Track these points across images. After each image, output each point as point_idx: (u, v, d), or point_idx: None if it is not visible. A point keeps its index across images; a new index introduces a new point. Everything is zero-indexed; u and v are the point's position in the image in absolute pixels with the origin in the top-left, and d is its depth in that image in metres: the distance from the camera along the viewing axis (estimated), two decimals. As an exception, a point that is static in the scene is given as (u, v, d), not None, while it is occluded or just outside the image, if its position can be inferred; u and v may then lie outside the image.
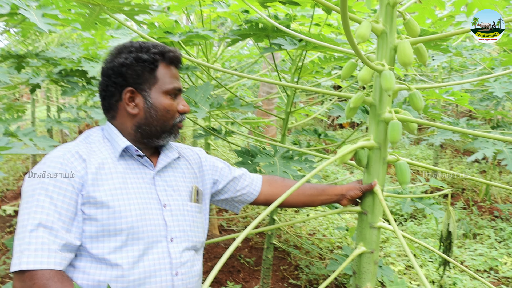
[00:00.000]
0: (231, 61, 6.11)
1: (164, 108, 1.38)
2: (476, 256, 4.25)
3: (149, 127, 1.38)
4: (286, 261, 4.23)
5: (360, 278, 1.71)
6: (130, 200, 1.30)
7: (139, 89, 1.36)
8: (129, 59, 1.35)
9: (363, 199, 1.71)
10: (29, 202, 1.21)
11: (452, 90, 2.82)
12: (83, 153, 1.30)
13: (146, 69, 1.36)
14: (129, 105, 1.37)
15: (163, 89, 1.38)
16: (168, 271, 1.33)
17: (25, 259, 1.13)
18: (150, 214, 1.33)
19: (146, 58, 1.35)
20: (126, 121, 1.39)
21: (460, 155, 8.75)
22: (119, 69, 1.35)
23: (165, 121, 1.39)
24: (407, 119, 1.56)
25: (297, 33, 2.02)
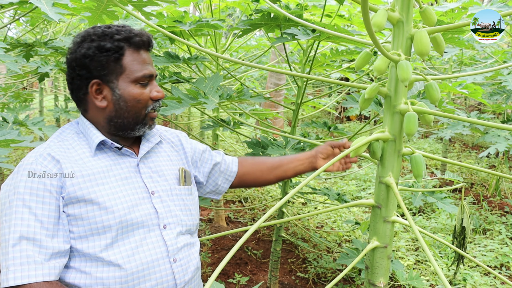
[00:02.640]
0: (239, 52, 6.06)
1: (133, 98, 1.29)
2: (486, 252, 4.20)
3: (120, 119, 1.30)
4: (294, 254, 4.21)
5: (373, 273, 1.68)
6: (115, 194, 1.25)
7: (105, 81, 1.27)
8: (91, 49, 1.25)
9: (377, 192, 1.67)
10: (7, 214, 1.16)
11: (466, 83, 2.77)
12: (56, 153, 1.23)
13: (110, 58, 1.26)
14: (97, 98, 1.28)
15: (132, 78, 1.28)
16: (166, 259, 1.30)
17: (12, 275, 1.09)
18: (139, 204, 1.28)
19: (109, 47, 1.25)
20: (97, 115, 1.31)
21: (469, 150, 8.67)
22: (82, 60, 1.25)
23: (136, 111, 1.31)
24: (423, 111, 1.52)
25: (310, 23, 1.97)
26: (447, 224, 4.84)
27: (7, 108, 4.36)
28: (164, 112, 1.99)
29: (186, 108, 7.40)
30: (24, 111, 4.09)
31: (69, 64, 1.30)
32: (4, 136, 1.69)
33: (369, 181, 6.65)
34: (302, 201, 5.64)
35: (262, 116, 4.25)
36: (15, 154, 7.44)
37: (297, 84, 2.98)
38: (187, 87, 2.34)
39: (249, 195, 5.78)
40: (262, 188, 6.15)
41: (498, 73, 4.64)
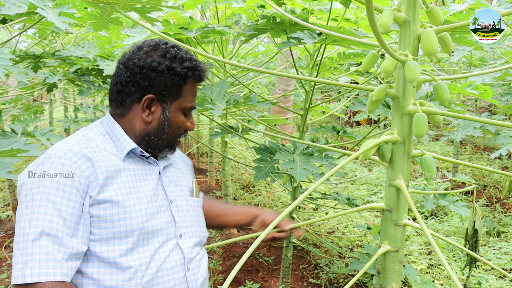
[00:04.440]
0: (246, 59, 6.07)
1: (177, 124, 1.35)
2: (501, 254, 4.14)
3: (157, 138, 1.34)
4: (306, 260, 4.18)
5: (385, 278, 1.65)
6: (140, 199, 1.26)
7: (161, 100, 1.30)
8: (162, 66, 1.27)
9: (387, 195, 1.65)
10: (29, 207, 1.13)
11: (476, 84, 2.74)
12: (87, 151, 1.22)
13: (175, 82, 1.30)
14: (145, 111, 1.30)
15: (183, 106, 1.34)
16: (181, 267, 1.31)
17: (29, 271, 1.06)
18: (160, 211, 1.30)
19: (179, 72, 1.29)
20: (135, 125, 1.33)
21: (480, 152, 8.58)
22: (148, 72, 1.27)
23: (173, 137, 1.37)
24: (433, 111, 1.50)
25: (316, 27, 1.96)
26: (460, 227, 4.78)
27: (17, 120, 4.40)
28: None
29: (195, 116, 7.40)
30: (34, 122, 4.12)
31: (130, 68, 1.29)
32: (11, 145, 1.69)
33: (380, 185, 6.60)
34: (313, 207, 5.60)
35: (270, 123, 4.23)
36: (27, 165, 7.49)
37: (304, 89, 2.97)
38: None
39: (260, 202, 5.76)
40: (273, 195, 6.13)
41: (507, 74, 4.60)
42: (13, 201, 5.08)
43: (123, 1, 1.95)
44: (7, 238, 4.54)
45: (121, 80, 1.31)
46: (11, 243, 4.43)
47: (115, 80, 1.33)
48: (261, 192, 6.19)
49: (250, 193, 6.21)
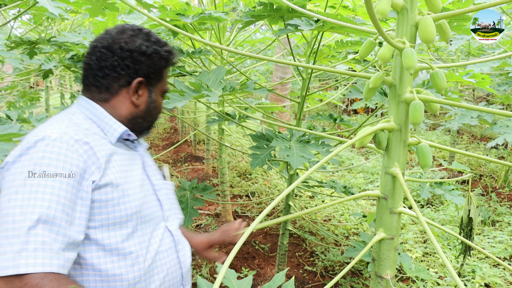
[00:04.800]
0: (243, 47, 6.04)
1: (160, 106, 1.40)
2: (495, 243, 4.17)
3: (143, 121, 1.36)
4: (302, 247, 4.20)
5: (380, 265, 1.66)
6: (133, 182, 1.26)
7: (149, 83, 1.33)
8: (150, 49, 1.29)
9: (383, 183, 1.65)
10: (20, 192, 1.04)
11: (473, 73, 2.73)
12: (83, 135, 1.18)
13: (161, 65, 1.34)
14: (135, 95, 1.31)
15: (162, 89, 1.39)
16: (173, 249, 1.35)
17: (23, 261, 0.97)
18: (148, 195, 1.32)
19: (163, 55, 1.33)
20: (122, 108, 1.31)
21: (477, 141, 8.60)
22: (138, 56, 1.28)
23: (154, 119, 1.41)
24: (429, 99, 1.49)
25: (314, 13, 1.94)
26: (455, 216, 4.81)
27: (13, 107, 4.38)
28: (167, 105, 1.98)
29: (193, 104, 7.38)
30: (30, 109, 4.09)
31: (116, 52, 1.27)
32: (6, 130, 1.68)
33: (377, 173, 6.62)
34: (309, 195, 5.62)
35: (267, 110, 4.22)
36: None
37: (302, 77, 2.95)
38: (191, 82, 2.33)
39: (257, 190, 5.77)
40: (269, 182, 6.14)
41: (505, 64, 4.59)
42: None
43: (118, -14, 1.93)
44: None
45: (107, 64, 1.27)
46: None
47: (99, 65, 1.28)
48: (258, 180, 6.20)
49: (246, 181, 6.22)
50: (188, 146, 8.12)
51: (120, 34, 1.29)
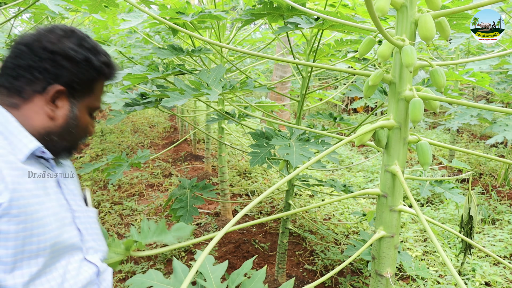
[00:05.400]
0: (243, 45, 6.04)
1: (84, 125, 1.17)
2: (495, 242, 4.17)
3: (60, 140, 1.12)
4: (301, 246, 4.20)
5: (380, 263, 1.66)
6: (48, 210, 1.03)
7: (70, 94, 1.11)
8: (79, 55, 1.09)
9: (382, 181, 1.65)
10: None
11: (473, 71, 2.73)
12: None
13: (90, 76, 1.13)
14: (50, 105, 1.09)
15: (91, 105, 1.18)
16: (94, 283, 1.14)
17: None
18: (67, 224, 1.09)
19: (95, 65, 1.13)
20: (34, 120, 1.08)
21: (477, 140, 8.60)
22: (61, 60, 1.07)
23: (77, 139, 1.18)
24: (429, 97, 1.49)
25: (314, 11, 1.94)
26: (455, 215, 4.81)
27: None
28: (166, 103, 1.98)
29: (192, 102, 7.36)
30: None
31: (36, 51, 1.07)
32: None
33: (376, 172, 6.62)
34: (309, 194, 5.62)
35: (267, 109, 4.22)
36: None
37: (302, 75, 2.95)
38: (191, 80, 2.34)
39: (256, 188, 5.77)
40: (269, 181, 6.14)
41: (505, 62, 4.59)
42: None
43: (119, -16, 1.93)
44: None
45: (23, 64, 1.07)
46: None
47: (14, 63, 1.08)
48: (258, 179, 6.20)
49: (246, 180, 6.22)
50: (188, 145, 8.12)
51: (47, 33, 1.10)
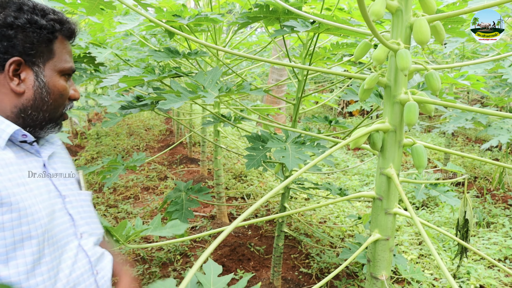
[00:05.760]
0: (239, 48, 6.05)
1: (58, 90, 1.11)
2: (490, 245, 4.18)
3: (37, 112, 1.08)
4: (297, 249, 4.20)
5: (375, 266, 1.66)
6: (34, 198, 1.00)
7: (30, 62, 1.06)
8: (21, 19, 1.03)
9: (378, 184, 1.65)
10: None
11: (468, 75, 2.75)
12: None
13: (42, 38, 1.06)
14: (13, 80, 1.04)
15: (59, 68, 1.11)
16: (89, 272, 1.12)
17: None
18: (56, 210, 1.07)
19: (44, 25, 1.06)
20: (4, 100, 1.05)
21: (472, 143, 8.63)
22: (4, 31, 1.02)
23: (56, 107, 1.12)
24: (424, 100, 1.50)
25: (310, 15, 1.95)
26: (450, 218, 4.82)
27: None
28: (163, 106, 1.98)
29: (188, 105, 7.37)
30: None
31: None
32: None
33: (372, 175, 6.64)
34: (305, 197, 5.62)
35: (263, 112, 4.23)
36: None
37: (297, 79, 2.96)
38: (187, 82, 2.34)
39: (252, 192, 5.77)
40: (265, 184, 6.14)
41: (499, 66, 4.62)
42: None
43: (115, -14, 1.94)
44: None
45: None
46: None
47: None
48: (253, 182, 6.20)
49: (242, 183, 6.22)
50: (183, 148, 8.11)
51: None
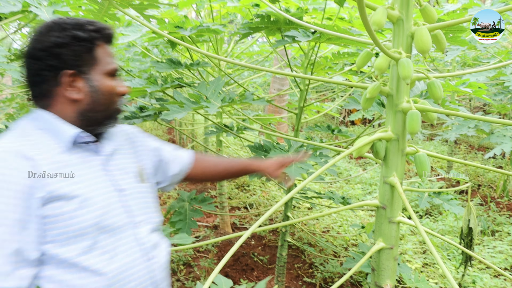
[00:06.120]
0: (241, 58, 6.08)
1: (108, 90, 1.26)
2: (495, 253, 4.16)
3: (94, 113, 1.25)
4: (300, 259, 4.18)
5: (380, 275, 1.66)
6: (91, 192, 1.18)
7: (80, 72, 1.21)
8: (65, 38, 1.18)
9: (381, 192, 1.65)
10: None
11: (469, 82, 2.75)
12: (26, 150, 1.12)
13: (84, 48, 1.21)
14: (70, 90, 1.21)
15: (104, 70, 1.26)
16: (141, 258, 1.27)
17: None
18: (112, 203, 1.23)
19: (84, 37, 1.20)
20: (66, 109, 1.23)
21: (474, 151, 8.62)
22: (53, 50, 1.18)
23: (110, 104, 1.28)
24: (426, 109, 1.51)
25: (311, 25, 1.97)
26: (454, 226, 4.80)
27: (11, 118, 4.38)
28: (166, 116, 1.99)
29: (190, 115, 7.36)
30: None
31: (33, 55, 1.20)
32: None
33: (375, 184, 6.62)
34: (307, 206, 5.61)
35: (265, 122, 4.24)
36: None
37: (299, 88, 2.97)
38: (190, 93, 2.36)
39: (255, 201, 5.76)
40: (268, 194, 6.13)
41: (501, 73, 4.62)
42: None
43: (120, -2, 1.96)
44: None
45: (32, 72, 1.22)
46: None
47: (27, 76, 1.24)
48: (256, 192, 6.19)
49: (245, 192, 6.21)
50: (186, 158, 8.11)
51: (35, 37, 1.22)
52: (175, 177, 1.62)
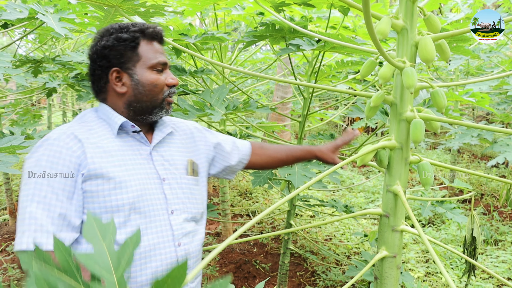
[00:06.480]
0: (245, 66, 6.10)
1: (150, 83, 1.41)
2: (498, 263, 4.14)
3: (139, 103, 1.41)
4: (303, 267, 4.17)
5: (382, 283, 1.65)
6: (130, 176, 1.33)
7: (124, 68, 1.39)
8: (110, 40, 1.38)
9: (384, 201, 1.65)
10: (27, 184, 1.25)
11: (473, 92, 2.76)
12: (79, 133, 1.32)
13: (127, 47, 1.38)
14: (117, 84, 1.40)
15: (148, 65, 1.40)
16: (171, 242, 1.38)
17: (25, 239, 1.18)
18: (150, 188, 1.36)
19: (126, 37, 1.38)
20: (117, 101, 1.42)
21: (477, 160, 8.60)
22: (102, 51, 1.38)
23: (154, 95, 1.42)
24: (430, 118, 1.51)
25: (315, 33, 1.98)
26: (457, 235, 4.78)
27: (15, 124, 4.40)
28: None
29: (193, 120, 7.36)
30: (32, 126, 4.12)
31: (90, 58, 1.42)
32: (9, 142, 1.70)
33: (378, 193, 6.61)
34: (310, 214, 5.60)
35: (268, 130, 4.24)
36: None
37: (303, 96, 2.98)
38: (195, 100, 2.37)
39: (257, 209, 5.76)
40: (270, 202, 6.13)
41: (504, 82, 4.63)
42: (10, 205, 5.06)
43: (127, 5, 1.97)
44: (3, 242, 4.52)
45: (90, 72, 1.44)
46: (7, 247, 4.42)
47: (89, 75, 1.46)
48: (259, 199, 6.19)
49: (247, 200, 6.20)
50: (189, 164, 8.12)
51: (92, 43, 1.44)
52: (236, 167, 1.76)
